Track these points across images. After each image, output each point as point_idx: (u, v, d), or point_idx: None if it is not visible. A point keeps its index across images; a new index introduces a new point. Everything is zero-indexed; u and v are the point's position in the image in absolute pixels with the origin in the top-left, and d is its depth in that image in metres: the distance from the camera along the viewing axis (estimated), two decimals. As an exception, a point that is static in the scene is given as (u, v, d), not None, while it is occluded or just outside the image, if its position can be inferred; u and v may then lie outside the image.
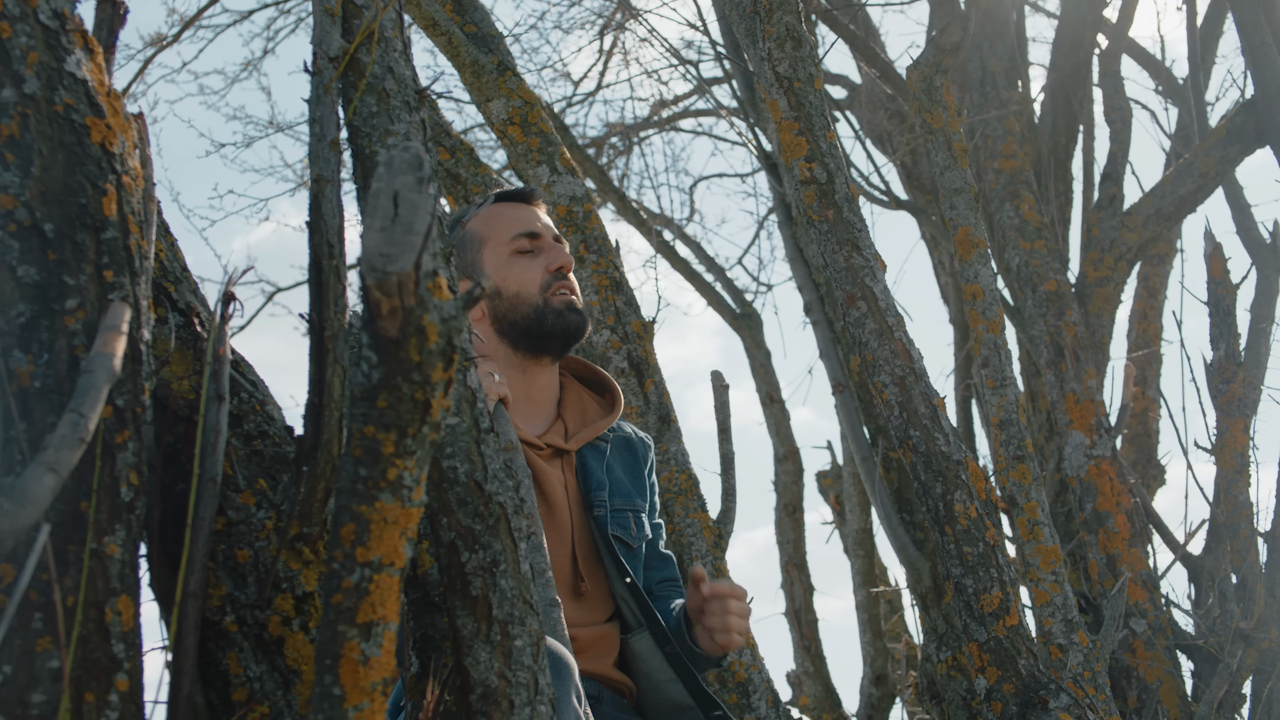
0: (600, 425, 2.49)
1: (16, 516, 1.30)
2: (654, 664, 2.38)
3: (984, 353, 3.32)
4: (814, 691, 6.36)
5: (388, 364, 1.29)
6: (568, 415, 2.50)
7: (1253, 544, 3.85)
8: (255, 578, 1.72)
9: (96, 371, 1.45)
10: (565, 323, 2.41)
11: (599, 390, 2.59)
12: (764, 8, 3.04)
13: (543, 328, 2.40)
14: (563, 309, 2.41)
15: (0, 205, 1.50)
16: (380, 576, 1.35)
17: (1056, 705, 2.75)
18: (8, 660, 1.43)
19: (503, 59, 3.63)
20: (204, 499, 1.65)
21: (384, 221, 1.27)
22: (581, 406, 2.53)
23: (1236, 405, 3.90)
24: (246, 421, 1.81)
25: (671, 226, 7.38)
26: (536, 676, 1.65)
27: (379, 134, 1.73)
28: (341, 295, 1.66)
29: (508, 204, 2.52)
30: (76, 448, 1.38)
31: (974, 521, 2.87)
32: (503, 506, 1.66)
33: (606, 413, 2.54)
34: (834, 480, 6.73)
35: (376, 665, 1.37)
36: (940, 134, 3.33)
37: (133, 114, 1.71)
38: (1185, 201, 4.71)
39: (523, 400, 2.45)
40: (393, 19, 1.79)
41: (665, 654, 2.37)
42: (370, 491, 1.33)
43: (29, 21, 1.54)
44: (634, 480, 2.52)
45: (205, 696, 1.68)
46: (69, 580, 1.48)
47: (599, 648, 2.36)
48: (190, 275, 1.88)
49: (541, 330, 2.41)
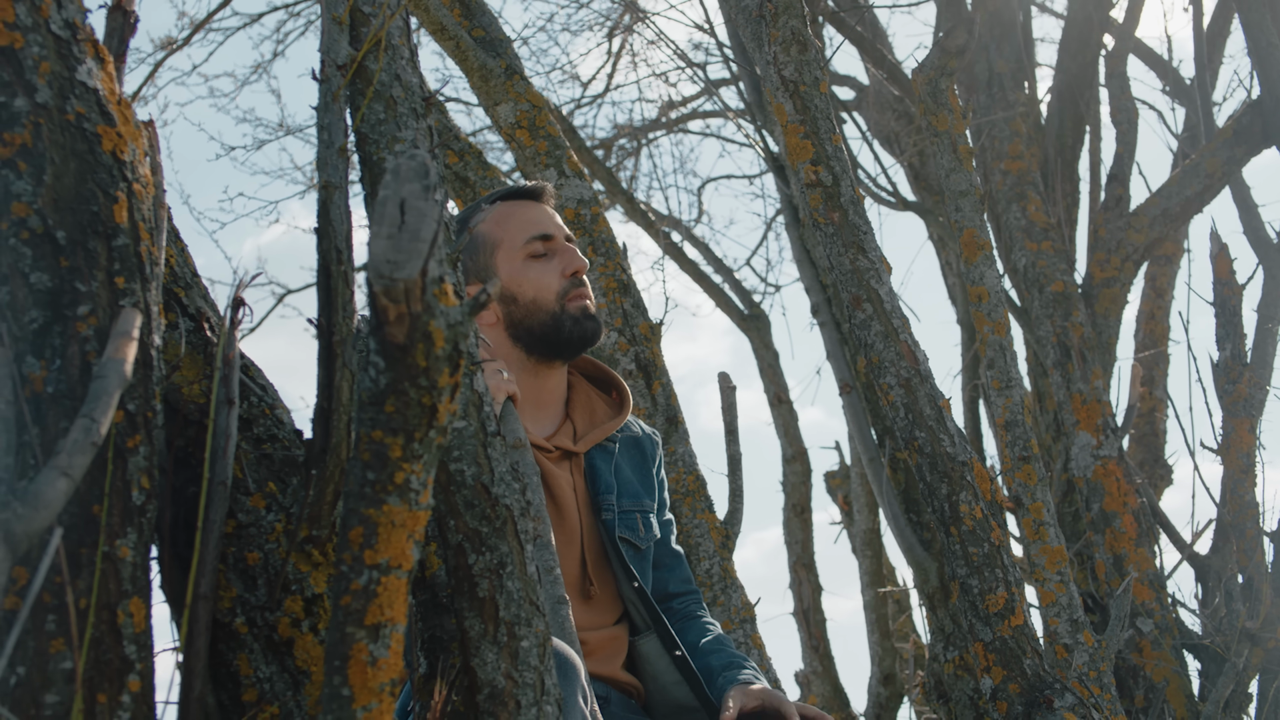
0: (609, 426, 2.48)
1: (30, 520, 1.32)
2: (661, 666, 2.39)
3: (989, 354, 3.34)
4: (822, 691, 6.37)
5: (395, 369, 1.31)
6: (576, 416, 2.49)
7: (1259, 543, 3.86)
8: (265, 580, 1.74)
9: (108, 377, 1.47)
10: (582, 330, 2.40)
11: (607, 389, 2.58)
12: (769, 12, 3.06)
13: (560, 334, 2.40)
14: (579, 316, 2.41)
15: (13, 213, 1.52)
16: (388, 579, 1.37)
17: (1061, 705, 2.76)
18: (22, 661, 1.45)
19: (510, 63, 3.65)
20: (214, 502, 1.67)
21: (391, 229, 1.29)
22: (590, 407, 2.52)
23: (1242, 405, 3.91)
24: (256, 425, 1.83)
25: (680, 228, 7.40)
26: (543, 677, 1.67)
27: (386, 140, 1.75)
28: (349, 301, 1.68)
29: (518, 203, 2.49)
30: (89, 452, 1.40)
31: (979, 522, 2.88)
32: (509, 509, 1.68)
33: (615, 412, 2.53)
34: (842, 480, 6.74)
35: (385, 666, 1.39)
36: (945, 137, 3.34)
37: (143, 121, 1.73)
38: (1191, 202, 4.72)
39: (532, 403, 2.44)
40: (399, 27, 1.80)
41: (672, 657, 2.38)
42: (378, 495, 1.35)
43: (41, 32, 1.56)
44: (642, 479, 2.52)
45: (216, 697, 1.70)
46: (81, 583, 1.50)
47: (608, 649, 2.37)
48: (200, 281, 1.90)
49: (559, 337, 2.40)
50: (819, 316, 4.19)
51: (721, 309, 6.88)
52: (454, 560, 1.68)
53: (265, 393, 1.86)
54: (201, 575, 1.65)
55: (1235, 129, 4.59)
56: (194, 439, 1.76)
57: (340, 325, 1.67)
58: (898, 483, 3.03)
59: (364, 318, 1.31)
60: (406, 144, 1.73)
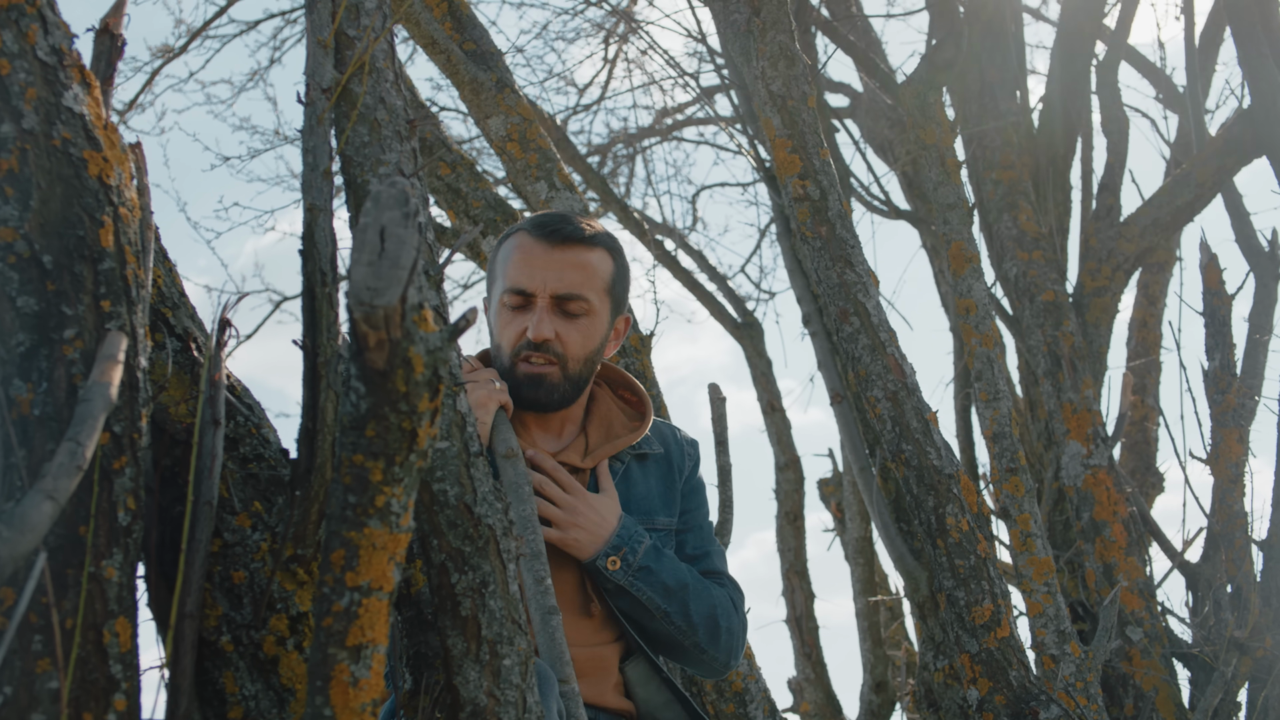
0: (620, 442, 2.45)
1: (16, 543, 1.34)
2: (651, 689, 2.39)
3: (978, 366, 3.36)
4: (815, 698, 6.39)
5: (375, 394, 1.32)
6: (592, 430, 2.46)
7: (1248, 553, 3.87)
8: (251, 598, 1.75)
9: (94, 400, 1.49)
10: (523, 394, 2.35)
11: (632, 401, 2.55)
12: (758, 27, 3.08)
13: (513, 388, 2.36)
14: (523, 380, 2.35)
15: (0, 238, 1.54)
16: (369, 600, 1.39)
17: (1047, 716, 2.78)
18: (8, 681, 1.47)
19: (501, 76, 3.67)
20: (200, 522, 1.69)
21: (371, 256, 1.30)
22: (608, 420, 2.48)
23: (1232, 415, 3.92)
24: (243, 445, 1.84)
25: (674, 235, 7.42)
26: (525, 695, 1.69)
27: (371, 163, 1.77)
28: (334, 322, 1.70)
29: (533, 240, 2.38)
30: (74, 475, 1.42)
31: (965, 534, 2.90)
32: (491, 529, 1.70)
33: (634, 425, 2.49)
34: (835, 488, 6.75)
35: (366, 686, 1.41)
36: (934, 150, 3.36)
37: (130, 144, 1.74)
38: (1182, 211, 4.74)
39: (542, 420, 2.42)
40: (384, 50, 1.82)
41: (660, 679, 2.38)
42: (359, 518, 1.37)
43: (27, 58, 1.58)
44: (664, 493, 2.49)
45: (202, 714, 1.72)
46: (68, 603, 1.52)
47: (595, 671, 2.34)
48: (188, 300, 1.92)
49: (514, 390, 2.36)
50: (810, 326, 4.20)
51: (715, 317, 6.90)
52: (437, 579, 1.70)
53: (251, 412, 1.88)
54: (187, 594, 1.67)
55: (1226, 139, 4.61)
56: (181, 459, 1.78)
57: (325, 346, 1.69)
58: (888, 492, 3.05)
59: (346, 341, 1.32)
60: (390, 167, 1.75)
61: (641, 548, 2.35)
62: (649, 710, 2.38)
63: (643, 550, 2.35)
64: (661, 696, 2.38)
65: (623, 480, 2.46)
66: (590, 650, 2.34)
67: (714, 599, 2.42)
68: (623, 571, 2.33)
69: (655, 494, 2.48)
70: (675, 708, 2.37)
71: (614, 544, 2.34)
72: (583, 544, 2.33)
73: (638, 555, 2.34)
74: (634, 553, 2.34)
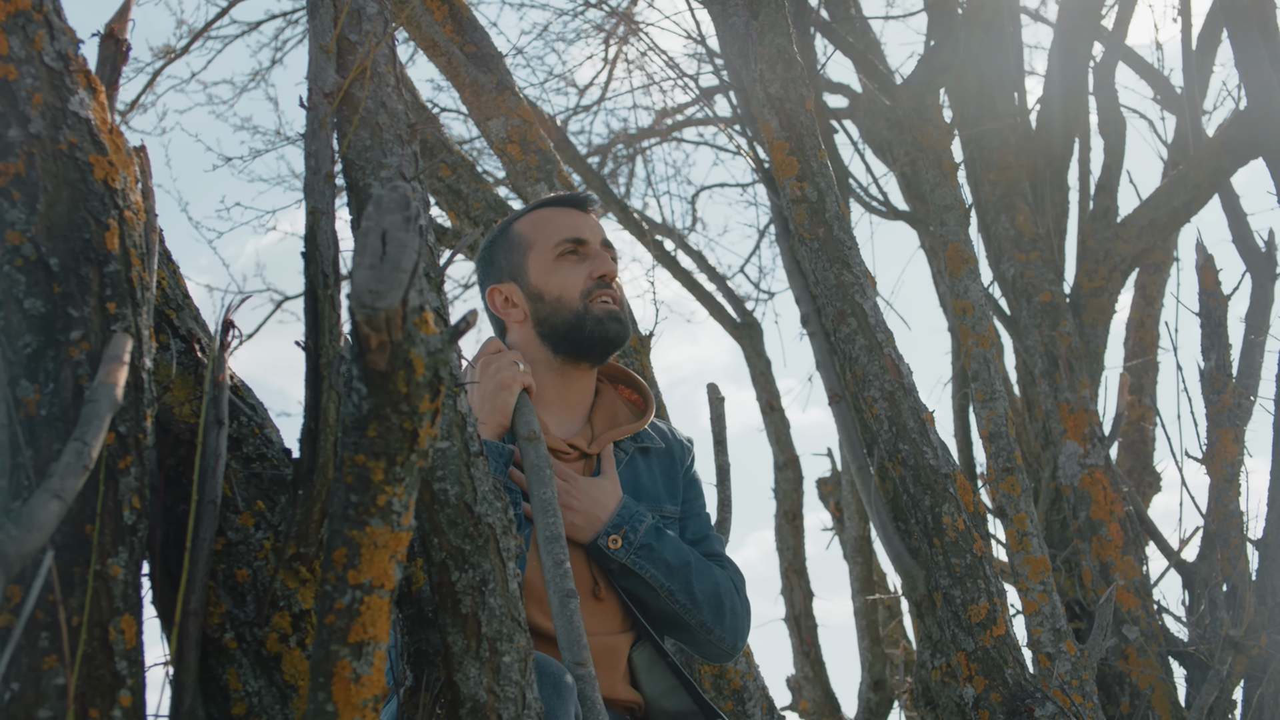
0: (625, 429, 2.51)
1: (23, 541, 1.36)
2: (656, 674, 2.41)
3: (974, 367, 3.38)
4: (813, 696, 6.41)
5: (377, 396, 1.35)
6: (597, 419, 2.52)
7: (1243, 552, 3.89)
8: (254, 596, 1.77)
9: (100, 400, 1.52)
10: (605, 330, 2.43)
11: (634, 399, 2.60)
12: (756, 30, 3.10)
13: (582, 333, 2.43)
14: (603, 316, 2.43)
15: (7, 241, 1.57)
16: (371, 598, 1.42)
17: (1043, 714, 2.80)
18: (16, 677, 1.49)
19: (501, 78, 3.69)
20: (204, 520, 1.71)
21: (373, 259, 1.33)
22: (612, 411, 2.54)
23: (1228, 415, 3.94)
24: (246, 444, 1.86)
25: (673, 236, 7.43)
26: (524, 691, 1.71)
27: (372, 167, 1.79)
28: (336, 324, 1.72)
29: (559, 209, 2.53)
30: (80, 474, 1.44)
31: (962, 533, 2.92)
32: (491, 527, 1.72)
33: (636, 418, 2.55)
34: (833, 487, 6.78)
35: (368, 683, 1.43)
36: (931, 152, 3.38)
37: (135, 148, 1.77)
38: (1179, 212, 4.76)
39: (556, 402, 2.47)
40: (386, 55, 1.85)
41: (666, 664, 2.41)
42: (361, 517, 1.39)
43: (34, 64, 1.61)
44: (668, 484, 2.54)
45: (206, 711, 1.74)
46: (74, 600, 1.54)
47: (605, 662, 2.37)
48: (192, 302, 1.94)
49: (580, 336, 2.43)
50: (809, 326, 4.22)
51: (714, 317, 6.91)
52: (437, 577, 1.72)
53: (255, 412, 1.90)
54: (191, 592, 1.69)
55: (1222, 140, 4.63)
56: (185, 458, 1.80)
57: (327, 348, 1.71)
58: (886, 491, 3.07)
59: (348, 343, 1.35)
60: (391, 171, 1.78)
61: (643, 526, 2.39)
62: (654, 696, 2.40)
63: (644, 528, 2.39)
64: (667, 682, 2.40)
65: (628, 469, 2.50)
66: (600, 640, 2.36)
67: (717, 578, 2.46)
68: (624, 550, 2.36)
69: (660, 484, 2.53)
70: (680, 694, 2.39)
71: (614, 523, 2.37)
72: (579, 527, 2.36)
73: (639, 533, 2.37)
74: (635, 531, 2.37)
